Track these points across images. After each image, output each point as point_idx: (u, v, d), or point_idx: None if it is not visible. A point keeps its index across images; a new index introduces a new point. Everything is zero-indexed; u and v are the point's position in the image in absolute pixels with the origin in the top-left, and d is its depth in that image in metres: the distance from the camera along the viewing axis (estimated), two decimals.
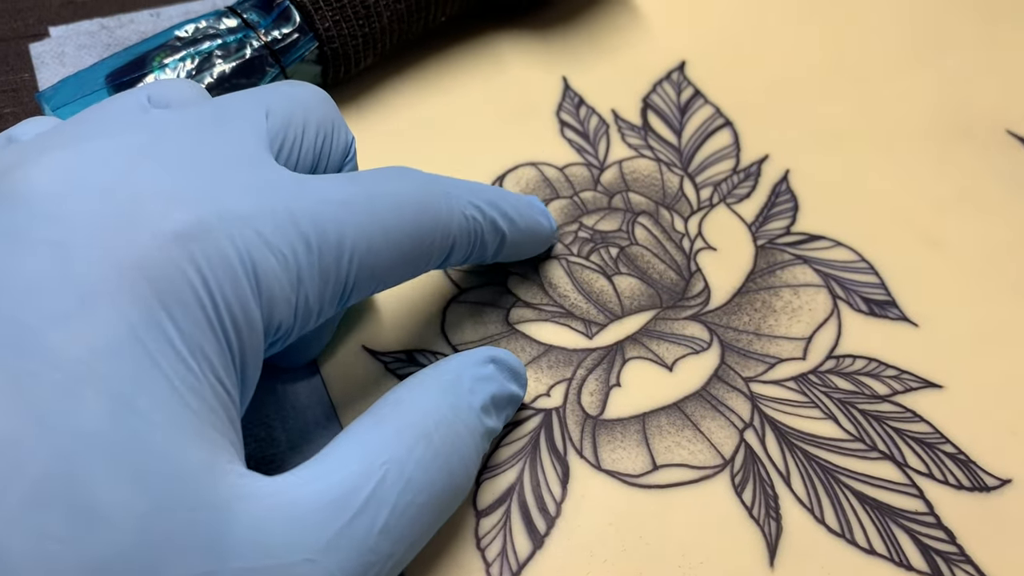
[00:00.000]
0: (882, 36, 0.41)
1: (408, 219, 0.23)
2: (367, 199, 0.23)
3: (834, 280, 0.32)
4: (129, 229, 0.19)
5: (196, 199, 0.20)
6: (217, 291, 0.19)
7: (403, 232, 0.23)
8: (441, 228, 0.24)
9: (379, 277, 0.23)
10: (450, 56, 0.38)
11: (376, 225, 0.23)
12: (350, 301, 0.23)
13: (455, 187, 0.26)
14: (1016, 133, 0.37)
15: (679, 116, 0.37)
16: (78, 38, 0.37)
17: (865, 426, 0.29)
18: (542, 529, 0.26)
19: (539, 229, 0.30)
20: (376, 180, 0.24)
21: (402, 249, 0.23)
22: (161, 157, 0.21)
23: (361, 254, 0.22)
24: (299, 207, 0.21)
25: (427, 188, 0.25)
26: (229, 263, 0.19)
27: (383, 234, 0.23)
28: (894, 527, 0.27)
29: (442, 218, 0.25)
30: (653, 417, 0.29)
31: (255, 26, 0.33)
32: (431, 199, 0.24)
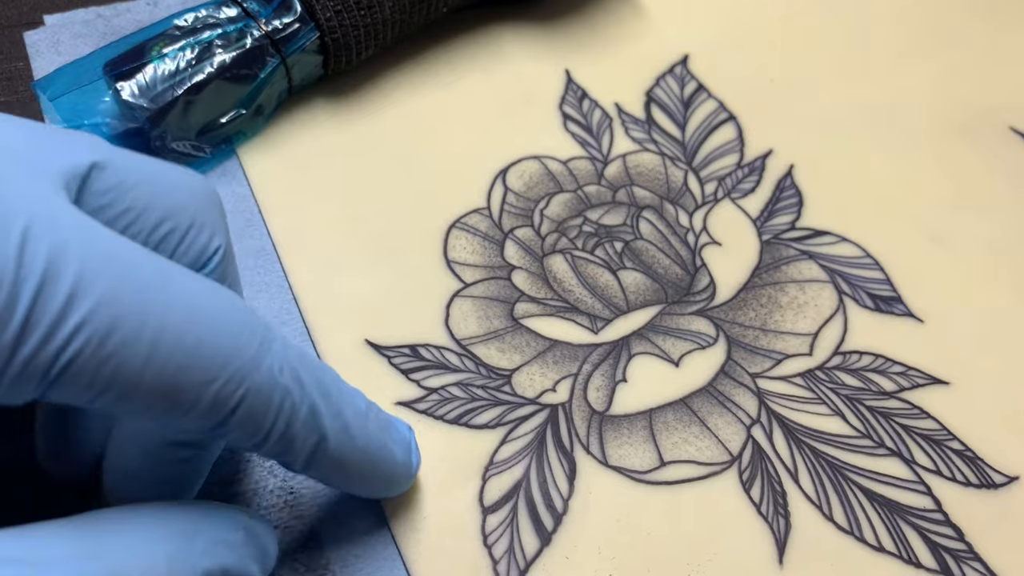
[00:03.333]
0: (886, 31, 0.41)
1: (194, 330, 0.17)
2: (149, 272, 0.17)
3: (840, 276, 0.32)
4: None
5: None
6: None
7: (177, 342, 0.17)
8: (233, 370, 0.18)
9: (107, 380, 0.16)
10: (452, 48, 0.38)
11: (144, 307, 0.17)
12: (57, 389, 0.16)
13: (283, 344, 0.20)
14: (1019, 130, 0.37)
15: (682, 110, 0.37)
16: (74, 27, 0.37)
17: (872, 423, 0.28)
18: (549, 526, 0.26)
19: (384, 456, 0.23)
20: (189, 278, 0.18)
21: (165, 364, 0.17)
22: None
23: (98, 329, 0.16)
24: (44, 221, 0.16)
25: (243, 316, 0.19)
26: None
27: (147, 325, 0.17)
28: (903, 524, 0.26)
29: (240, 359, 0.18)
30: (660, 413, 0.28)
31: (256, 15, 0.33)
32: (239, 328, 0.18)
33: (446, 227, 0.32)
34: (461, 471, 0.27)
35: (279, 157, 0.34)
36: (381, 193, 0.33)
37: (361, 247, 0.31)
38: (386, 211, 0.33)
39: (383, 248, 0.32)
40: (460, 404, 0.28)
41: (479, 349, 0.29)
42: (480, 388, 0.28)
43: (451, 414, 0.28)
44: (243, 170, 0.33)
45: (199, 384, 0.17)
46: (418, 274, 0.31)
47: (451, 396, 0.28)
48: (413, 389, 0.28)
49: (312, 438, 0.20)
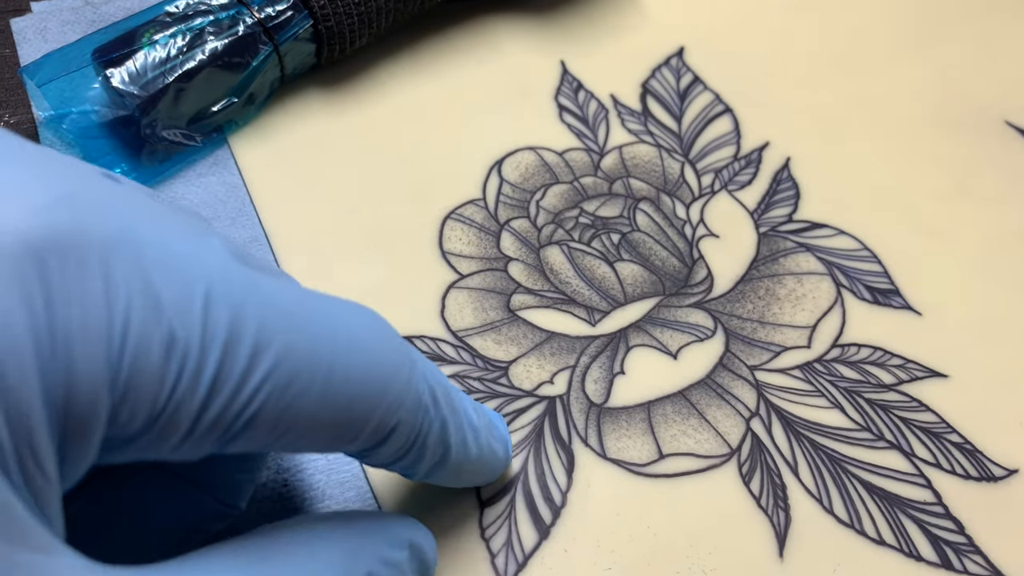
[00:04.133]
0: (883, 24, 0.40)
1: (360, 366, 0.18)
2: (318, 319, 0.17)
3: (837, 268, 0.32)
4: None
5: (72, 196, 0.15)
6: (63, 343, 0.14)
7: (347, 381, 0.18)
8: (392, 399, 0.18)
9: (286, 427, 0.17)
10: (447, 38, 0.38)
11: (316, 354, 0.17)
12: (237, 442, 0.17)
13: (421, 359, 0.20)
14: (1015, 124, 0.37)
15: (679, 102, 0.37)
16: (61, 14, 0.36)
17: (872, 415, 0.28)
18: (548, 519, 0.25)
19: (492, 460, 0.23)
20: (337, 304, 0.19)
21: (335, 404, 0.17)
22: (24, 152, 0.16)
23: (278, 383, 0.16)
24: (223, 281, 0.16)
25: (395, 342, 0.19)
26: (91, 309, 0.14)
27: (320, 370, 0.17)
28: (903, 517, 0.26)
29: (398, 386, 0.19)
30: (658, 405, 0.28)
31: (248, 2, 0.32)
32: (396, 356, 0.19)
33: (441, 218, 0.32)
34: None
35: (271, 146, 0.33)
36: (375, 183, 0.33)
37: (355, 237, 0.31)
38: (380, 201, 0.32)
39: (377, 239, 0.31)
40: None
41: (475, 341, 0.29)
42: (477, 380, 0.28)
43: None
44: (234, 159, 0.33)
45: (365, 415, 0.18)
46: (413, 265, 0.31)
47: None
48: None
49: (439, 452, 0.21)
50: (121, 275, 0.15)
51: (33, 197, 0.14)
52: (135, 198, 0.17)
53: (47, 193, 0.14)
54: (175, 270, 0.15)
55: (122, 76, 0.30)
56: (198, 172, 0.32)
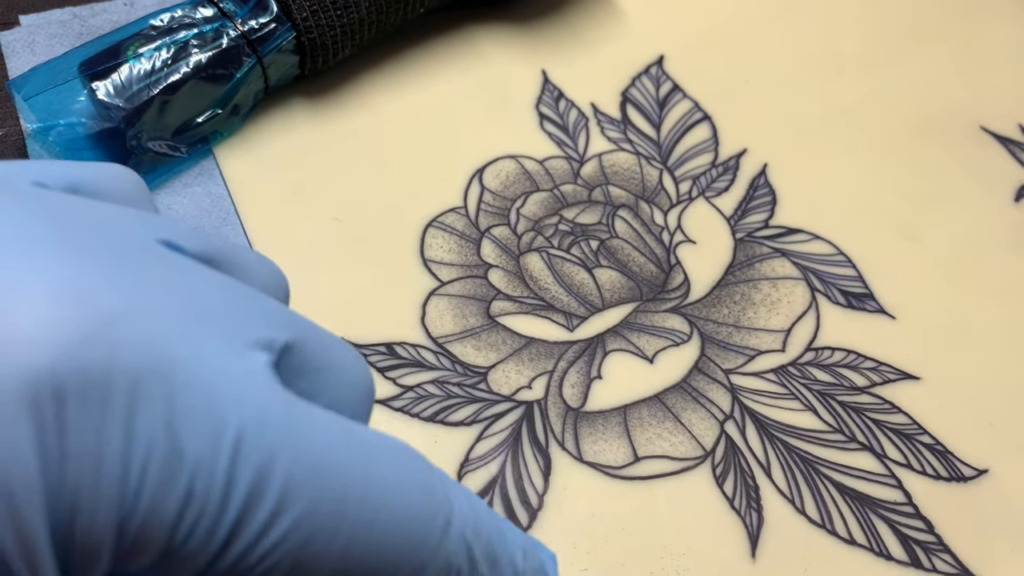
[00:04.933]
0: (859, 33, 0.41)
1: (385, 533, 0.16)
2: (351, 477, 0.16)
3: (812, 273, 0.32)
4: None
5: (109, 325, 0.13)
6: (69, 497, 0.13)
7: (369, 546, 0.16)
8: (415, 565, 0.17)
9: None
10: (429, 48, 0.38)
11: (341, 517, 0.16)
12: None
13: (460, 514, 0.18)
14: (990, 129, 0.38)
15: (658, 110, 0.37)
16: (49, 27, 0.37)
17: (844, 417, 0.29)
18: (524, 521, 0.26)
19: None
20: (376, 455, 0.17)
21: (352, 567, 0.16)
22: (57, 243, 0.14)
23: (295, 544, 0.15)
24: (255, 430, 0.15)
25: (430, 501, 0.17)
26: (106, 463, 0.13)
27: (341, 534, 0.16)
28: (874, 517, 0.27)
29: (423, 553, 0.17)
30: (634, 409, 0.28)
31: (232, 15, 0.33)
32: (427, 519, 0.17)
33: (423, 226, 0.32)
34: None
35: (255, 156, 0.34)
36: (358, 192, 0.33)
37: (337, 245, 0.32)
38: (363, 210, 0.33)
39: (359, 246, 0.32)
40: (436, 402, 0.28)
41: (455, 347, 0.29)
42: (456, 386, 0.28)
43: (427, 412, 0.28)
44: (219, 169, 0.33)
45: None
46: (394, 272, 0.31)
47: (427, 394, 0.28)
48: (389, 387, 0.28)
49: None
50: (144, 426, 0.14)
51: (65, 326, 0.13)
52: (186, 291, 0.15)
53: (82, 321, 0.13)
54: (205, 418, 0.14)
55: (107, 89, 0.31)
56: (184, 182, 0.33)
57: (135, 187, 0.19)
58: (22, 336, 0.12)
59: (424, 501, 0.17)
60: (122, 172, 0.19)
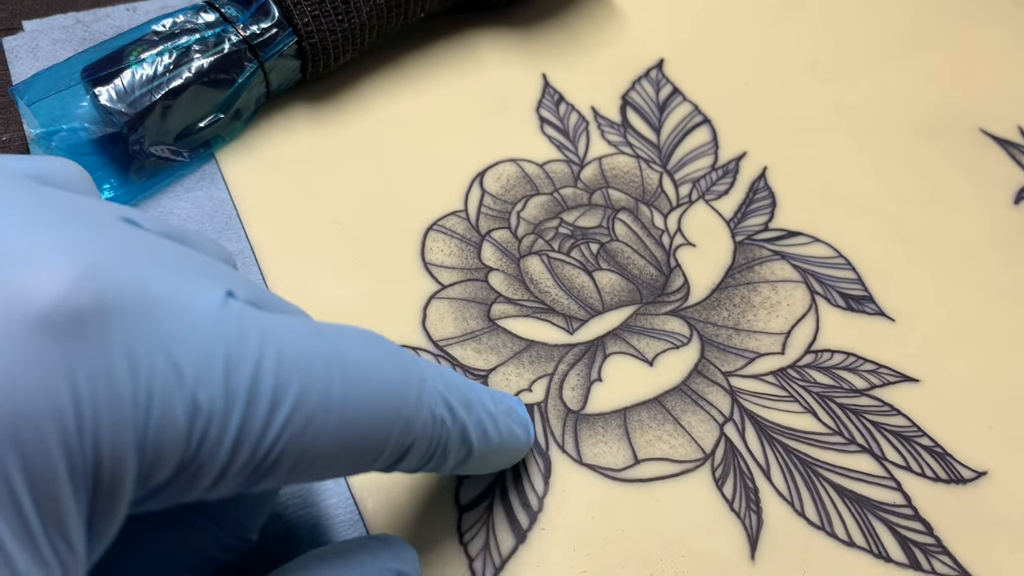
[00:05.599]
0: (858, 35, 0.41)
1: (369, 399, 0.19)
2: (327, 361, 0.18)
3: (812, 276, 0.32)
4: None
5: (91, 269, 0.15)
6: (90, 422, 0.15)
7: (358, 414, 0.18)
8: (403, 422, 0.19)
9: (307, 464, 0.18)
10: (429, 53, 0.38)
11: (328, 396, 0.18)
12: (261, 483, 0.18)
13: (430, 373, 0.21)
14: (989, 132, 0.38)
15: (658, 113, 0.37)
16: (52, 32, 0.37)
17: (843, 420, 0.29)
18: (524, 524, 0.26)
19: (513, 443, 0.24)
20: (343, 339, 0.19)
21: (350, 437, 0.18)
22: (46, 211, 0.16)
23: (296, 428, 0.17)
24: (239, 343, 0.17)
25: (401, 366, 0.20)
26: (116, 386, 0.15)
27: (333, 410, 0.18)
28: (873, 519, 0.27)
29: (407, 410, 0.19)
30: (634, 412, 0.29)
31: (233, 20, 0.33)
32: (402, 381, 0.20)
33: (423, 229, 0.33)
34: None
35: (257, 161, 0.34)
36: (359, 196, 0.33)
37: (339, 250, 0.32)
38: (364, 214, 0.33)
39: (361, 250, 0.32)
40: None
41: (456, 350, 0.30)
42: None
43: None
44: (221, 174, 0.33)
45: (380, 441, 0.19)
46: (395, 276, 0.31)
47: None
48: None
49: (463, 452, 0.22)
50: (143, 351, 0.15)
51: (56, 270, 0.15)
52: (154, 250, 0.17)
53: (71, 265, 0.15)
54: (195, 341, 0.16)
55: (110, 94, 0.31)
56: (186, 187, 0.33)
57: (85, 180, 0.21)
58: (28, 287, 0.14)
59: (395, 366, 0.20)
60: (73, 165, 0.21)
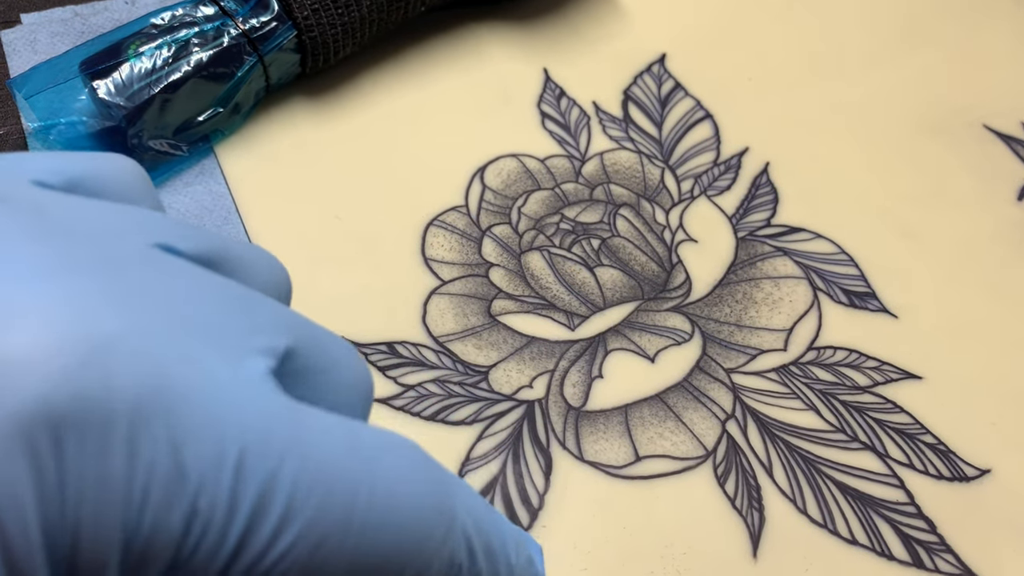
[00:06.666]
0: (861, 31, 0.41)
1: (392, 530, 0.16)
2: (356, 479, 0.16)
3: (814, 272, 0.32)
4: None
5: (106, 347, 0.13)
6: (72, 516, 0.13)
7: (376, 546, 0.16)
8: (421, 562, 0.17)
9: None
10: (430, 47, 0.38)
11: (348, 521, 0.16)
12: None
13: (462, 507, 0.18)
14: (992, 128, 0.38)
15: (660, 108, 0.37)
16: (51, 25, 0.37)
17: (846, 417, 0.29)
18: (525, 521, 0.26)
19: None
20: (380, 454, 0.17)
21: (361, 567, 0.16)
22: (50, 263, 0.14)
23: (304, 550, 0.15)
24: (260, 443, 0.15)
25: (435, 498, 0.17)
26: (109, 484, 0.13)
27: (350, 536, 0.16)
28: (875, 517, 0.27)
29: (428, 550, 0.17)
30: (635, 408, 0.28)
31: (233, 14, 0.33)
32: (432, 516, 0.17)
33: (424, 225, 0.32)
34: None
35: (256, 155, 0.34)
36: (359, 191, 0.33)
37: (338, 244, 0.32)
38: (364, 209, 0.33)
39: (361, 245, 0.32)
40: (437, 401, 0.28)
41: (456, 346, 0.29)
42: (457, 385, 0.28)
43: (428, 411, 0.28)
44: (220, 168, 0.33)
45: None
46: (396, 272, 0.31)
47: (428, 393, 0.28)
48: (390, 386, 0.28)
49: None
50: (146, 449, 0.13)
51: (60, 352, 0.12)
52: (183, 300, 0.15)
53: (77, 346, 0.13)
54: (207, 434, 0.14)
55: (108, 88, 0.30)
56: (185, 181, 0.33)
57: (137, 180, 0.18)
58: (16, 364, 0.12)
59: (429, 498, 0.17)
60: (124, 164, 0.18)
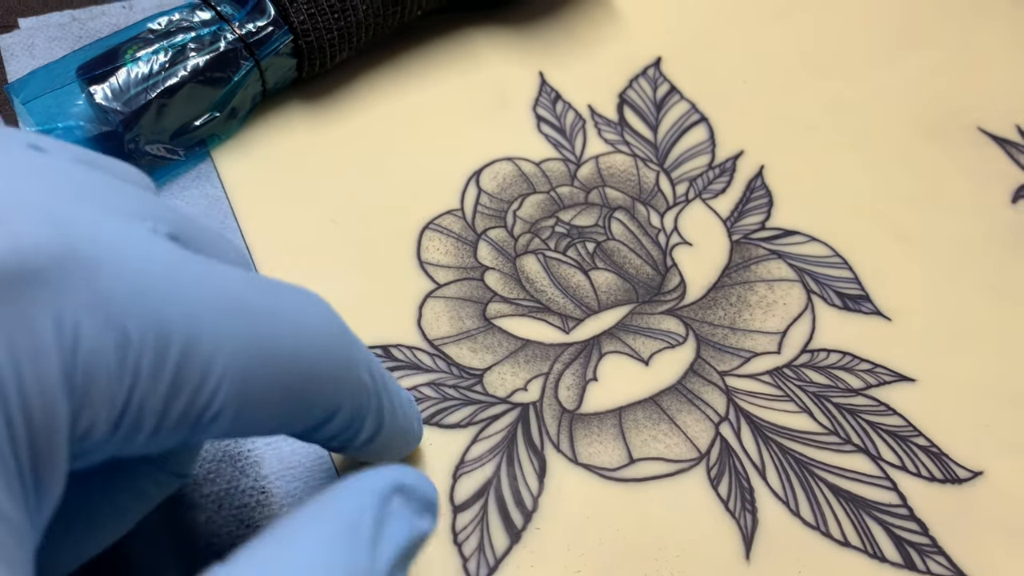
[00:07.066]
0: (856, 33, 0.41)
1: (306, 352, 0.18)
2: (265, 306, 0.18)
3: (808, 275, 0.32)
4: None
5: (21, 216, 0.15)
6: (10, 368, 0.14)
7: (295, 368, 0.18)
8: (337, 379, 0.19)
9: (242, 418, 0.17)
10: (426, 51, 0.38)
11: (267, 349, 0.18)
12: (200, 430, 0.17)
13: (357, 339, 0.21)
14: (987, 131, 0.38)
15: (655, 112, 0.37)
16: (48, 30, 0.37)
17: (839, 419, 0.29)
18: (519, 523, 0.26)
19: (410, 433, 0.24)
20: (280, 289, 0.19)
21: (286, 390, 0.18)
22: None
23: (234, 382, 0.17)
24: (174, 289, 0.16)
25: (337, 326, 0.20)
26: (36, 327, 0.15)
27: (271, 364, 0.18)
28: (868, 519, 0.27)
29: (341, 369, 0.19)
30: (629, 411, 0.29)
31: (229, 19, 0.33)
32: (338, 339, 0.20)
33: (419, 228, 0.33)
34: (431, 470, 0.27)
35: (253, 160, 0.34)
36: (355, 195, 0.33)
37: (334, 248, 0.32)
38: (360, 212, 0.33)
39: (356, 249, 0.32)
40: (432, 404, 0.28)
41: (451, 349, 0.29)
42: (452, 388, 0.29)
43: (423, 414, 0.28)
44: (217, 173, 0.33)
45: (314, 396, 0.19)
46: (391, 275, 0.31)
47: (423, 396, 0.28)
48: None
49: (374, 427, 0.21)
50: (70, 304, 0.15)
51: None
52: (70, 182, 0.17)
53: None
54: (124, 285, 0.16)
55: (105, 92, 0.31)
56: (181, 185, 0.33)
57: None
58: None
59: (330, 326, 0.19)
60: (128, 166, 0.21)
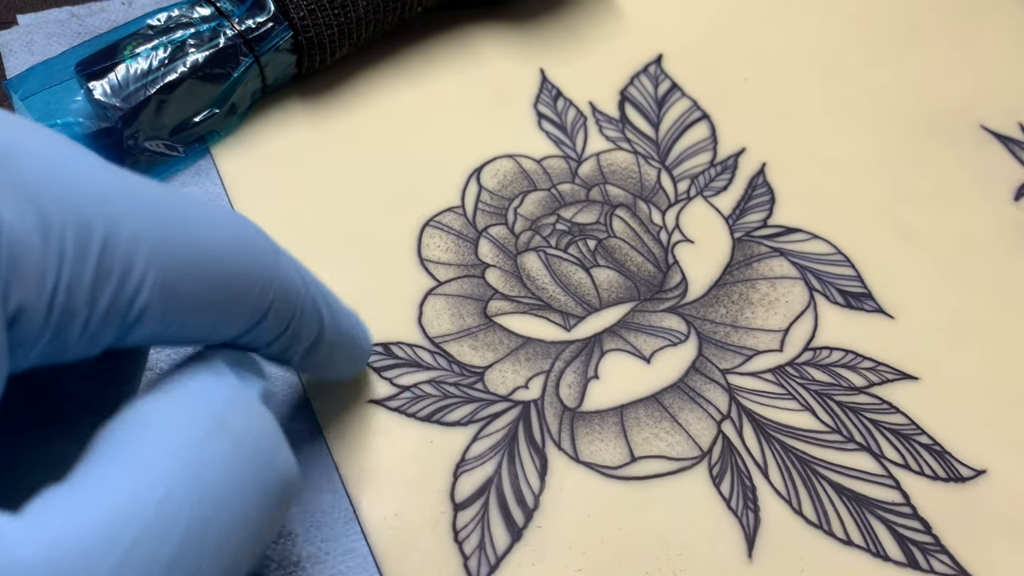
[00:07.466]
0: (858, 30, 0.41)
1: (227, 247, 0.19)
2: (184, 206, 0.19)
3: (811, 272, 0.32)
4: None
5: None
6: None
7: (218, 261, 0.19)
8: (264, 276, 0.20)
9: (174, 314, 0.18)
10: (427, 47, 0.38)
11: (187, 241, 0.18)
12: (133, 332, 0.18)
13: (284, 249, 0.22)
14: (989, 128, 0.38)
15: (656, 109, 0.37)
16: (47, 26, 0.37)
17: (842, 417, 0.29)
18: (520, 522, 0.26)
19: (360, 341, 0.25)
20: (200, 200, 0.20)
21: (212, 284, 0.19)
22: None
23: (160, 271, 0.17)
24: (92, 179, 0.17)
25: (253, 227, 0.21)
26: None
27: (193, 256, 0.18)
28: (871, 518, 0.27)
29: (267, 266, 0.20)
30: (631, 409, 0.28)
31: (229, 15, 0.33)
32: (258, 240, 0.20)
33: (420, 225, 0.32)
34: (432, 468, 0.27)
35: (253, 156, 0.34)
36: (355, 192, 0.33)
37: (335, 245, 0.32)
38: (360, 209, 0.33)
39: (357, 246, 0.32)
40: (432, 402, 0.28)
41: (452, 347, 0.29)
42: (452, 385, 0.28)
43: (423, 412, 0.28)
44: (216, 169, 0.33)
45: (242, 294, 0.19)
46: (392, 272, 0.31)
47: (423, 394, 0.28)
48: (386, 387, 0.28)
49: (315, 329, 0.22)
50: None
51: None
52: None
53: None
54: (43, 165, 0.16)
55: (104, 89, 0.30)
56: (181, 182, 0.33)
57: None
58: None
59: (251, 229, 0.20)
60: None
